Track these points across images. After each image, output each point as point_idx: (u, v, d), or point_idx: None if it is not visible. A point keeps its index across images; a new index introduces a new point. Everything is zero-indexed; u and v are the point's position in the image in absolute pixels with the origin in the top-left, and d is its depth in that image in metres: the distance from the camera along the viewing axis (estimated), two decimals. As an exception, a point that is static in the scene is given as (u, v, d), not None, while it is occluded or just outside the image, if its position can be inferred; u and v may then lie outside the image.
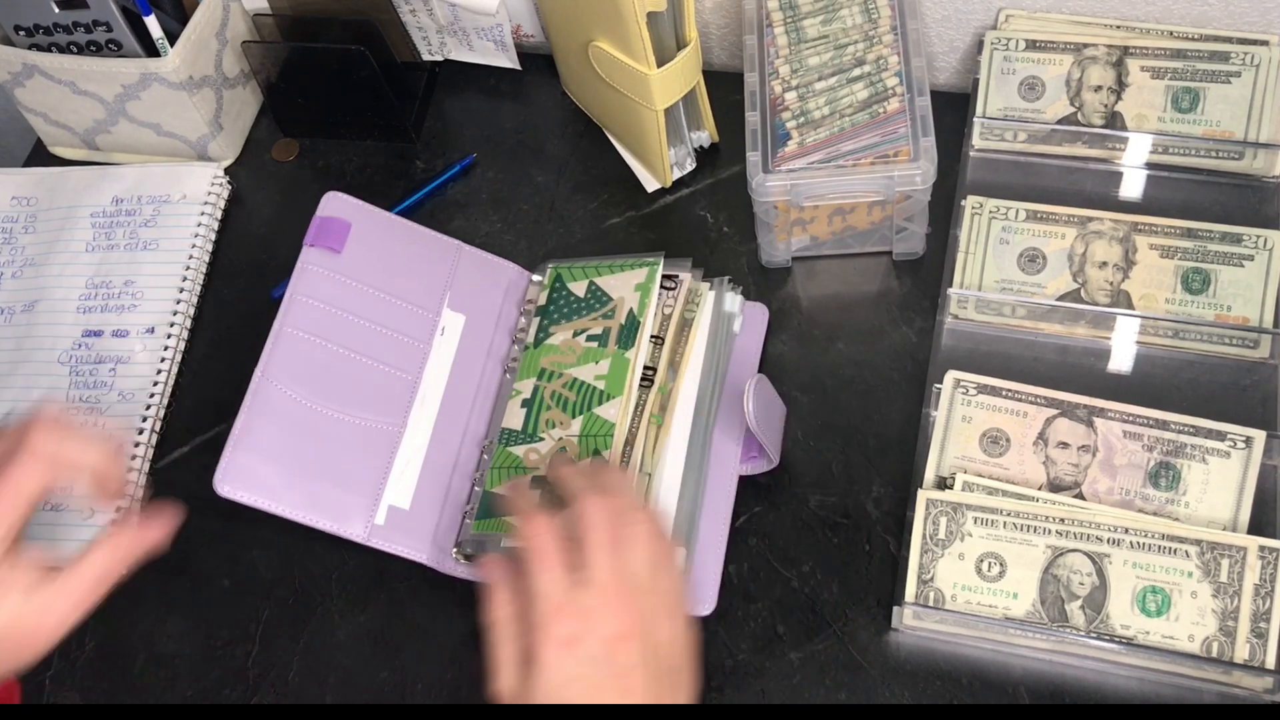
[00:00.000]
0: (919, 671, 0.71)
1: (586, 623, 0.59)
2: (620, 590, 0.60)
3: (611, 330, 0.79)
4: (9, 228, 0.93)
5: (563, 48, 0.93)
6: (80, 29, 0.88)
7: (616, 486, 0.66)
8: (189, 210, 0.92)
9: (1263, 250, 0.77)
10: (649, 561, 0.62)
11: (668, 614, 0.62)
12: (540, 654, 0.59)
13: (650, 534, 0.63)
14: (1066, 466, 0.73)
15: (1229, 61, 0.82)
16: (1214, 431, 0.72)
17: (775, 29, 0.83)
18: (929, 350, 0.80)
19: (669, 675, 0.61)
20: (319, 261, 0.79)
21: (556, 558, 0.61)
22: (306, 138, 0.98)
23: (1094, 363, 0.79)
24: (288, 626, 0.76)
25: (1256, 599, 0.67)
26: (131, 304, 0.88)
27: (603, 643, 0.59)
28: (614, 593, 0.60)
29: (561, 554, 0.61)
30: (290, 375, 0.75)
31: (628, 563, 0.61)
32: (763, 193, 0.79)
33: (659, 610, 0.61)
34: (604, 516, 0.62)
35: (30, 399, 0.85)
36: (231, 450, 0.73)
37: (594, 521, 0.62)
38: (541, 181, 0.93)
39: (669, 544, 0.65)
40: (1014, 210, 0.81)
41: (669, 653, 0.61)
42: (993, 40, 0.86)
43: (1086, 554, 0.69)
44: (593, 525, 0.62)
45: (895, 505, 0.76)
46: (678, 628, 0.62)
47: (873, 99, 0.80)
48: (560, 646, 0.59)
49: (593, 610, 0.60)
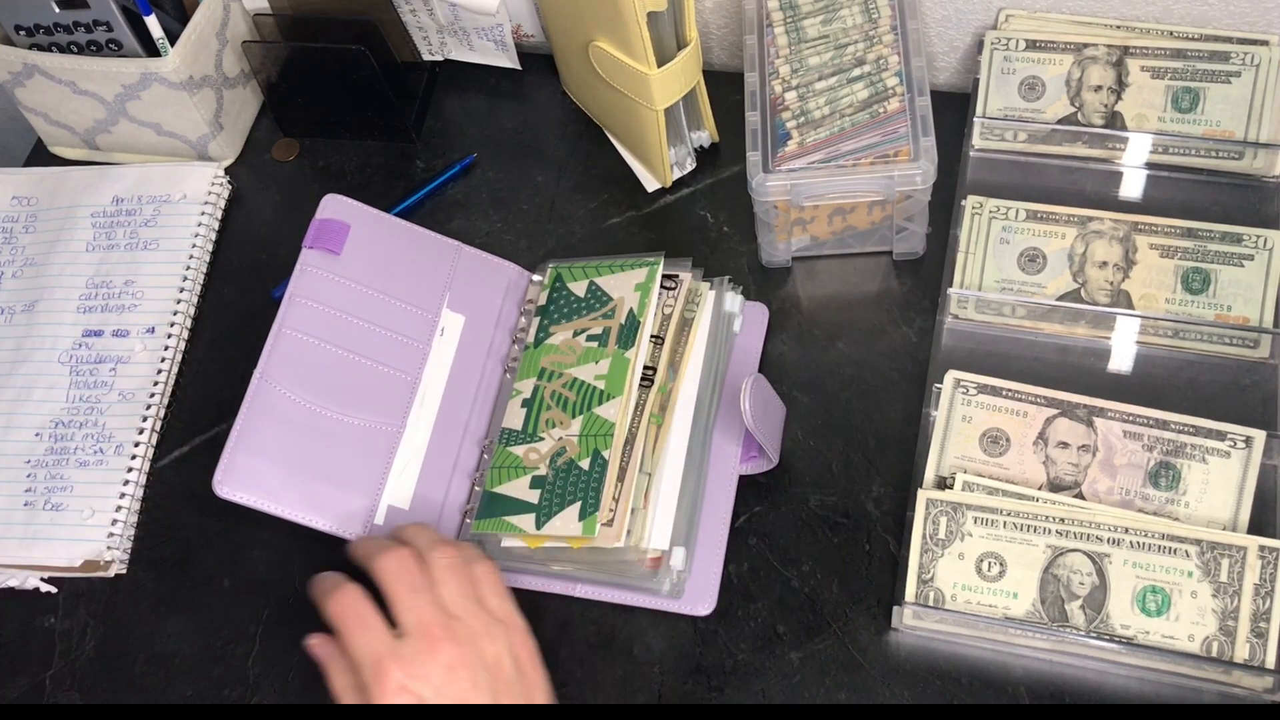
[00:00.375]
0: (919, 671, 0.71)
1: (413, 668, 0.63)
2: (435, 627, 0.64)
3: (611, 330, 0.79)
4: (9, 227, 0.93)
5: (563, 48, 0.93)
6: (80, 29, 0.88)
7: (413, 535, 0.69)
8: (189, 210, 0.92)
9: (1263, 250, 0.77)
10: (457, 591, 0.66)
11: (486, 633, 0.65)
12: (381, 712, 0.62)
13: (451, 565, 0.67)
14: (1066, 466, 0.73)
15: (1229, 61, 0.82)
16: (1214, 431, 0.72)
17: (775, 29, 0.83)
18: (929, 350, 0.80)
19: (510, 687, 0.64)
20: (318, 263, 0.79)
21: (369, 619, 0.65)
22: (306, 138, 0.98)
23: (1094, 362, 0.79)
24: (287, 627, 0.76)
25: (1256, 599, 0.67)
26: (132, 304, 0.88)
27: (435, 681, 0.62)
28: (430, 632, 0.64)
29: (374, 616, 0.65)
30: (289, 376, 0.75)
31: (436, 599, 0.65)
32: (763, 193, 0.79)
33: (478, 633, 0.65)
34: (399, 567, 0.66)
35: (30, 399, 0.85)
36: (231, 451, 0.73)
37: (391, 575, 0.66)
38: (541, 181, 0.93)
39: (476, 569, 0.68)
40: (1014, 210, 0.81)
41: (502, 667, 0.65)
42: (993, 40, 0.86)
43: (1086, 554, 0.69)
44: (392, 579, 0.66)
45: (895, 505, 0.76)
46: (504, 642, 0.66)
47: (873, 99, 0.80)
48: (395, 698, 0.62)
49: (415, 655, 0.63)
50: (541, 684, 0.67)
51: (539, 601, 0.75)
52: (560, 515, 0.72)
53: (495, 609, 0.67)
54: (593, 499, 0.72)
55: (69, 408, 0.84)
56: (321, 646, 0.67)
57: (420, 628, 0.64)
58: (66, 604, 0.79)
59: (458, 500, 0.78)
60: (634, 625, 0.74)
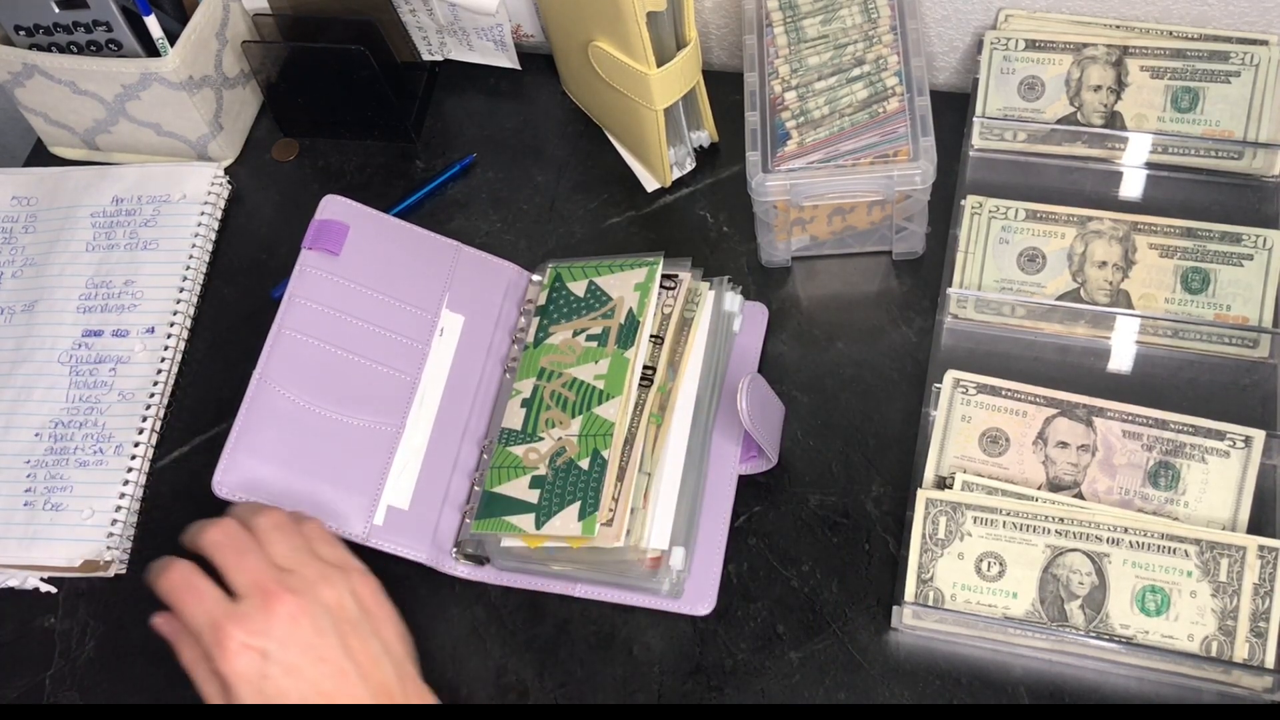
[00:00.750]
0: (919, 671, 0.71)
1: (252, 625, 0.63)
2: (269, 582, 0.64)
3: (611, 330, 0.79)
4: (9, 228, 0.93)
5: (563, 48, 0.93)
6: (80, 29, 0.88)
7: (236, 509, 0.70)
8: (189, 210, 0.92)
9: (1262, 250, 0.77)
10: (287, 546, 0.66)
11: (323, 579, 0.65)
12: (225, 673, 0.62)
13: (277, 524, 0.68)
14: (1066, 466, 0.73)
15: (1229, 61, 0.82)
16: (1213, 431, 0.72)
17: (775, 29, 0.83)
18: (929, 350, 0.80)
19: (355, 627, 0.65)
20: (317, 264, 0.79)
21: (201, 587, 0.65)
22: (306, 138, 0.98)
23: (1093, 362, 0.79)
24: (288, 626, 0.76)
25: (1256, 598, 0.67)
26: (131, 304, 0.88)
27: (277, 634, 0.62)
28: (264, 588, 0.64)
29: (205, 583, 0.65)
30: (289, 377, 0.75)
31: (267, 557, 0.66)
32: (762, 192, 0.79)
33: (314, 580, 0.65)
34: (223, 535, 0.67)
35: (30, 399, 0.85)
36: (230, 452, 0.73)
37: (216, 544, 0.66)
38: (541, 181, 0.93)
39: (305, 526, 0.69)
40: (1014, 210, 0.81)
41: (344, 608, 0.65)
42: (992, 40, 0.86)
43: (1086, 553, 0.69)
44: (217, 547, 0.66)
45: (895, 505, 0.76)
46: (343, 585, 0.66)
47: (872, 99, 0.80)
48: (239, 658, 0.62)
49: (251, 613, 0.63)
50: (390, 619, 0.67)
51: (539, 601, 0.75)
52: (560, 515, 0.72)
53: (329, 557, 0.67)
54: (592, 499, 0.72)
55: (69, 408, 0.84)
56: (166, 623, 0.66)
57: (254, 586, 0.64)
58: (66, 604, 0.79)
59: (457, 500, 0.78)
60: (634, 625, 0.74)
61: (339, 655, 0.63)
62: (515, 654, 0.74)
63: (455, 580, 0.77)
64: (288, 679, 0.62)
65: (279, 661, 0.62)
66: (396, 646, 0.66)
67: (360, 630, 0.65)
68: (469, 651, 0.75)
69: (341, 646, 0.63)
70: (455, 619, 0.76)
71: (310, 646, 0.63)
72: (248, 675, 0.62)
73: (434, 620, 0.76)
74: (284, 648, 0.62)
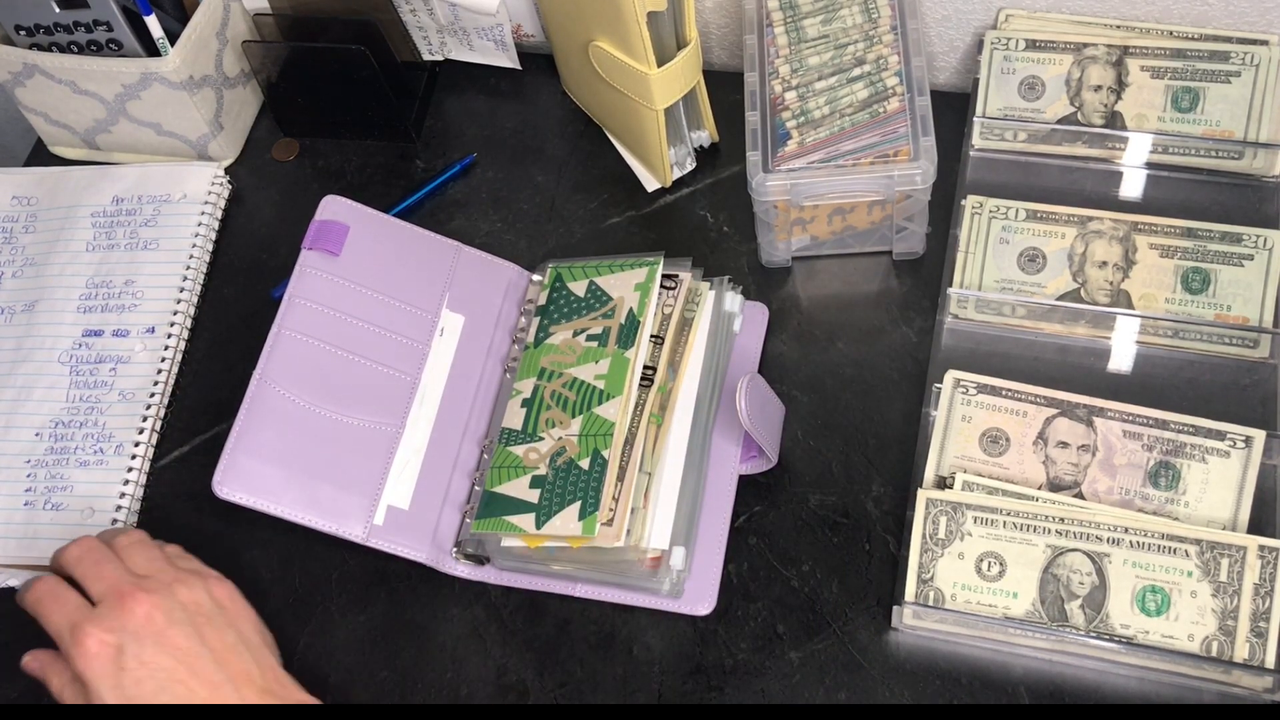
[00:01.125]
0: (919, 671, 0.71)
1: (108, 623, 0.65)
2: (125, 586, 0.66)
3: (611, 330, 0.79)
4: (9, 227, 0.93)
5: (563, 47, 0.93)
6: (80, 29, 0.88)
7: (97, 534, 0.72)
8: (189, 210, 0.92)
9: (1262, 250, 0.77)
10: (145, 557, 0.69)
11: (179, 581, 0.68)
12: (82, 670, 0.64)
13: (136, 542, 0.71)
14: (1066, 466, 0.73)
15: (1229, 61, 0.82)
16: (1214, 431, 0.72)
17: (775, 29, 0.83)
18: (929, 350, 0.80)
19: (210, 620, 0.67)
20: (317, 264, 0.79)
21: (63, 595, 0.67)
22: (306, 138, 0.98)
23: (1094, 362, 0.79)
24: (288, 626, 0.76)
25: (1256, 598, 0.67)
26: (132, 304, 0.88)
27: (131, 628, 0.65)
28: (120, 590, 0.66)
29: (68, 592, 0.67)
30: (289, 377, 0.75)
31: (124, 566, 0.68)
32: (763, 192, 0.79)
33: (170, 583, 0.67)
34: (82, 550, 0.69)
35: (30, 399, 0.85)
36: (230, 452, 0.73)
37: (76, 559, 0.69)
38: (541, 181, 0.93)
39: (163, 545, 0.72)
40: (1014, 210, 0.81)
41: (200, 605, 0.67)
42: (993, 40, 0.86)
43: (1086, 553, 0.69)
44: (77, 561, 0.69)
45: (895, 505, 0.76)
46: (200, 588, 0.68)
47: (873, 99, 0.80)
48: (96, 655, 0.64)
49: (108, 613, 0.65)
50: (247, 615, 0.69)
51: (539, 601, 0.75)
52: (560, 515, 0.72)
53: (187, 566, 0.70)
54: (592, 499, 0.72)
55: (69, 408, 0.84)
56: (33, 660, 0.69)
57: (111, 591, 0.66)
58: (66, 604, 0.79)
59: (457, 500, 0.78)
60: (634, 625, 0.74)
61: (194, 644, 0.65)
62: (515, 654, 0.74)
63: (455, 580, 0.77)
64: (143, 670, 0.64)
65: (134, 655, 0.64)
66: (254, 638, 0.68)
67: (215, 622, 0.67)
68: (469, 651, 0.75)
69: (196, 636, 0.65)
70: (455, 619, 0.76)
71: (165, 638, 0.65)
72: (104, 671, 0.63)
73: (434, 620, 0.76)
74: (139, 641, 0.64)
